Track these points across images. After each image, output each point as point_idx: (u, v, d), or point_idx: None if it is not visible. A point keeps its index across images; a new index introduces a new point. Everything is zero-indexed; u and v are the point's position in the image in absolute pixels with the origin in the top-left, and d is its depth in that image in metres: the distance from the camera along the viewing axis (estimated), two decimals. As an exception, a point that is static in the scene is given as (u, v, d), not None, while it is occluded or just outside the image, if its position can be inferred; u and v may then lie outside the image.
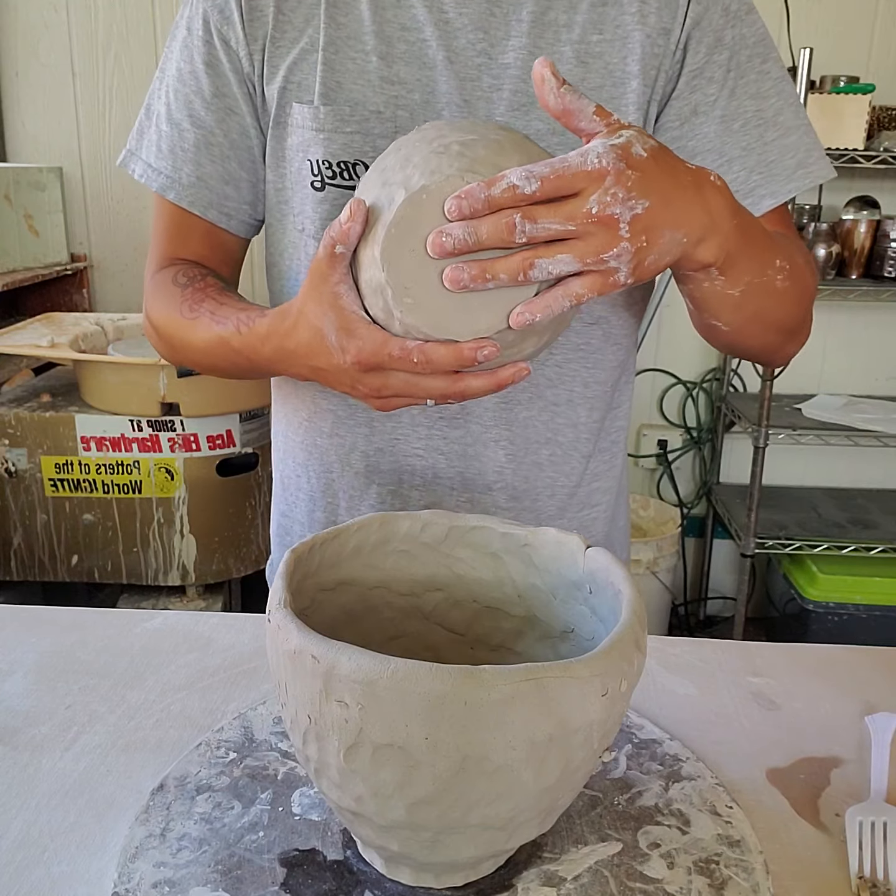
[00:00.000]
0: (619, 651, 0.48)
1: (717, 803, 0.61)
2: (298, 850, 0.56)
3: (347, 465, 0.86)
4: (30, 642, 0.80)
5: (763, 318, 0.72)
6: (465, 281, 0.54)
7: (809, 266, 0.78)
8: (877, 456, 2.52)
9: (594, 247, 0.53)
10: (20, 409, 1.77)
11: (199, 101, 0.81)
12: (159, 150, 0.83)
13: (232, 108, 0.81)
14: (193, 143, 0.82)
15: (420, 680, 0.44)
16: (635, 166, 0.53)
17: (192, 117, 0.81)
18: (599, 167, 0.52)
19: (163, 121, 0.83)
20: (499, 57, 0.77)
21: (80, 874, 0.55)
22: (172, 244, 0.86)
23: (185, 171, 0.82)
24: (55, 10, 2.29)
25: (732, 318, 0.70)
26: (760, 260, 0.66)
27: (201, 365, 0.82)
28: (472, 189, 0.53)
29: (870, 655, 0.81)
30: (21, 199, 2.19)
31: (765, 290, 0.68)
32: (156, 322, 0.84)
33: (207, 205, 0.83)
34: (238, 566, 1.90)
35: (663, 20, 0.77)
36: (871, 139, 2.11)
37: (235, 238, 0.87)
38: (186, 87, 0.81)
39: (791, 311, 0.75)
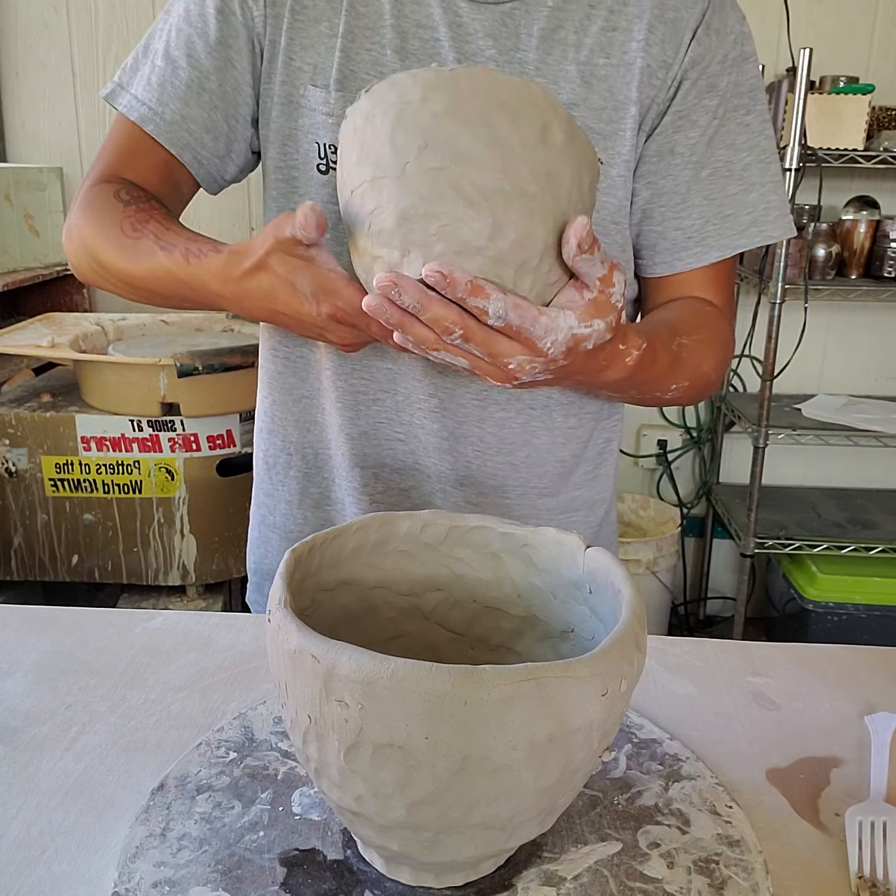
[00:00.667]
0: (619, 651, 0.48)
1: (717, 803, 0.61)
2: (298, 849, 0.56)
3: (339, 444, 0.87)
4: (30, 642, 0.80)
5: (647, 403, 0.83)
6: (385, 315, 0.58)
7: (720, 358, 0.83)
8: (876, 456, 2.52)
9: (487, 374, 0.62)
10: (21, 409, 1.77)
11: (202, 43, 0.80)
12: (149, 83, 0.81)
13: (233, 59, 0.80)
14: (185, 83, 0.80)
15: (420, 680, 0.44)
16: (571, 359, 0.61)
17: (190, 57, 0.80)
18: (547, 351, 0.59)
19: (159, 56, 0.82)
20: (505, 66, 0.78)
21: (81, 874, 0.55)
22: (123, 163, 0.82)
23: (170, 107, 0.80)
24: (55, 10, 2.29)
25: (618, 401, 0.87)
26: (644, 390, 0.76)
27: (134, 288, 0.78)
28: (456, 281, 0.55)
29: (869, 655, 0.81)
30: (21, 199, 2.19)
31: (647, 399, 0.79)
32: (85, 233, 0.79)
33: (184, 146, 0.82)
34: (238, 566, 1.90)
35: (666, 53, 0.78)
36: (871, 139, 2.11)
37: (193, 183, 0.85)
38: (191, 27, 0.80)
39: (680, 402, 0.83)
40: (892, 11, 2.28)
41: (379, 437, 0.86)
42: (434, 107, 0.57)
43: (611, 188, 0.80)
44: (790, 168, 1.97)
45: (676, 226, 0.82)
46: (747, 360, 2.48)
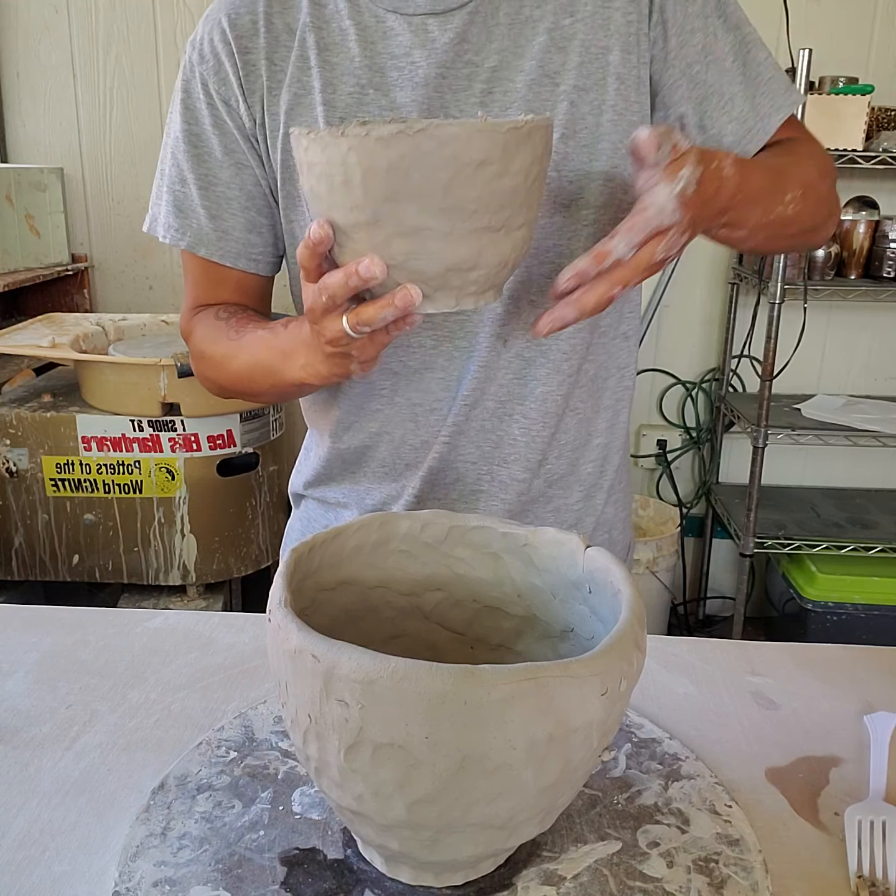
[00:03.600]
0: (619, 650, 0.48)
1: (717, 802, 0.61)
2: (299, 848, 0.56)
3: (398, 457, 0.89)
4: (31, 642, 0.80)
5: (779, 236, 0.82)
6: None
7: (825, 176, 0.84)
8: (876, 456, 2.52)
9: (640, 274, 0.65)
10: (21, 409, 1.77)
11: (212, 160, 0.85)
12: (179, 211, 0.87)
13: (242, 162, 0.85)
14: (213, 201, 0.86)
15: (420, 679, 0.44)
16: (690, 211, 0.64)
17: (207, 176, 0.85)
18: (670, 226, 0.63)
19: (175, 182, 0.87)
20: (484, 62, 0.79)
21: (81, 873, 0.55)
22: (205, 293, 0.90)
23: (209, 227, 0.86)
24: (56, 11, 2.29)
25: (748, 246, 0.82)
26: (766, 208, 0.76)
27: (241, 384, 0.86)
28: (587, 267, 0.62)
29: (868, 655, 0.81)
30: (22, 199, 2.19)
31: (774, 222, 0.77)
32: (203, 348, 0.88)
33: (236, 255, 0.87)
34: (238, 566, 1.90)
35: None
36: (870, 140, 2.11)
37: (265, 279, 0.91)
38: (197, 148, 0.85)
39: (808, 221, 0.82)
40: (892, 12, 2.28)
41: (439, 442, 0.87)
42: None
43: (603, 135, 0.81)
44: (790, 168, 1.97)
45: (728, 119, 0.84)
46: (747, 360, 2.48)
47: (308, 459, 0.98)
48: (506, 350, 0.84)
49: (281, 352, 0.77)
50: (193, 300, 0.91)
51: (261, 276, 0.90)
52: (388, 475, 0.90)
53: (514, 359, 0.84)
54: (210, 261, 0.87)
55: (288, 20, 0.82)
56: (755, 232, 0.77)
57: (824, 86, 2.16)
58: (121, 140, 2.38)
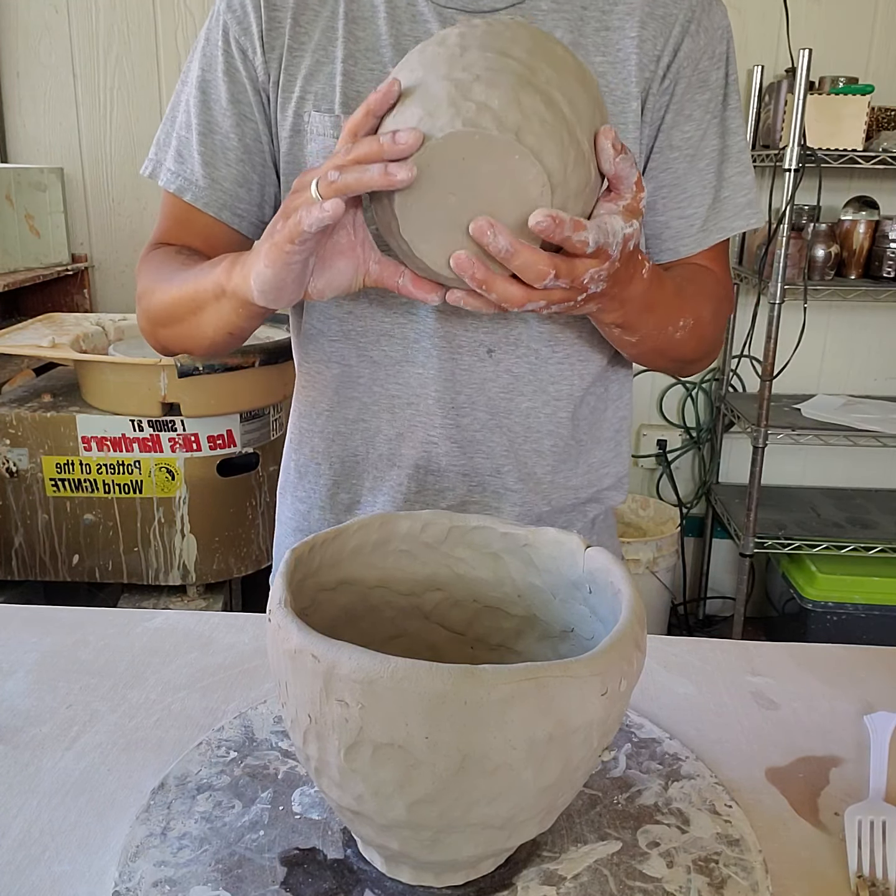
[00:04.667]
0: (619, 650, 0.48)
1: (717, 802, 0.61)
2: (299, 848, 0.56)
3: (372, 447, 0.89)
4: (31, 642, 0.80)
5: (660, 355, 0.84)
6: (467, 273, 0.60)
7: (717, 318, 0.86)
8: (875, 456, 2.52)
9: (558, 301, 0.64)
10: (21, 409, 1.77)
11: (217, 107, 0.84)
12: (178, 155, 0.86)
13: (246, 114, 0.84)
14: (210, 148, 0.85)
15: (420, 679, 0.44)
16: (622, 260, 0.65)
17: (209, 123, 0.85)
18: (612, 254, 0.63)
19: (182, 127, 0.86)
20: None
21: (81, 873, 0.55)
22: (170, 231, 0.89)
23: (200, 174, 0.85)
24: (56, 11, 2.29)
25: (631, 352, 0.84)
26: (659, 322, 0.78)
27: (167, 310, 0.82)
28: (563, 221, 0.58)
29: (868, 655, 0.81)
30: (22, 199, 2.19)
31: (661, 339, 0.79)
32: (148, 272, 0.86)
33: (221, 206, 0.86)
34: (238, 566, 1.90)
35: (657, 47, 0.80)
36: (870, 140, 2.12)
37: (239, 239, 0.89)
38: (205, 94, 0.84)
39: (687, 354, 0.85)
40: (892, 12, 2.28)
41: (415, 439, 0.87)
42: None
43: None
44: (789, 168, 1.97)
45: (679, 215, 0.85)
46: (747, 360, 2.48)
47: (287, 451, 0.98)
48: (493, 362, 0.84)
49: (223, 267, 0.73)
50: (156, 237, 0.90)
51: (238, 233, 0.88)
52: (360, 464, 0.90)
53: (503, 373, 0.84)
54: (193, 207, 0.86)
55: None
56: (643, 342, 0.79)
57: (824, 86, 2.16)
58: (121, 140, 2.38)
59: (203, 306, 0.77)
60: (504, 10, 0.79)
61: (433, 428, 0.86)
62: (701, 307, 0.82)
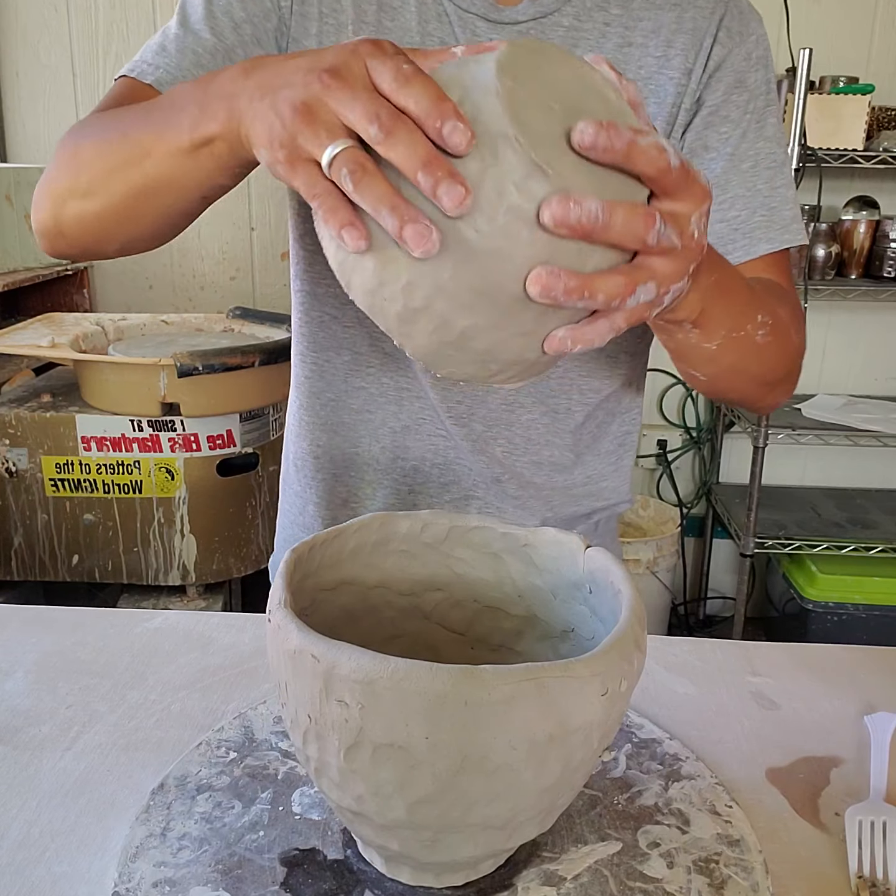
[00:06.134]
0: (619, 651, 0.48)
1: (717, 803, 0.61)
2: (298, 849, 0.56)
3: (376, 439, 0.88)
4: (30, 642, 0.80)
5: (742, 371, 0.70)
6: (557, 293, 0.44)
7: (796, 322, 0.76)
8: (876, 456, 2.52)
9: (669, 277, 0.48)
10: (21, 409, 1.77)
11: (226, 20, 0.74)
12: (163, 50, 0.74)
13: (260, 39, 0.75)
14: (209, 50, 0.73)
15: (420, 679, 0.44)
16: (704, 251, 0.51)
17: (213, 29, 0.74)
18: (705, 186, 0.48)
19: (172, 27, 0.75)
20: None
21: (81, 874, 0.55)
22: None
23: (192, 72, 0.73)
24: (55, 10, 2.29)
25: (709, 370, 0.69)
26: (738, 315, 0.64)
27: (99, 166, 0.62)
28: (620, 132, 0.43)
29: (869, 655, 0.81)
30: (22, 199, 2.18)
31: (743, 345, 0.65)
32: (66, 138, 0.68)
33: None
34: (238, 566, 1.90)
35: (688, 61, 0.78)
36: (871, 139, 2.11)
37: None
38: (214, 4, 0.75)
39: (772, 366, 0.73)
40: (892, 11, 2.28)
41: (421, 432, 0.87)
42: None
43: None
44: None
45: (720, 218, 0.79)
46: (747, 360, 2.48)
47: (286, 442, 0.97)
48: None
49: (172, 102, 0.56)
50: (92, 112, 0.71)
51: None
52: (361, 456, 0.89)
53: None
54: (150, 88, 0.71)
55: None
56: (723, 352, 0.64)
57: (825, 85, 2.16)
58: (121, 140, 2.37)
59: (161, 159, 0.57)
60: (525, 22, 0.77)
61: (440, 422, 0.86)
62: (775, 304, 0.70)
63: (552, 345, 0.48)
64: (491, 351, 0.49)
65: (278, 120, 0.47)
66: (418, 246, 0.42)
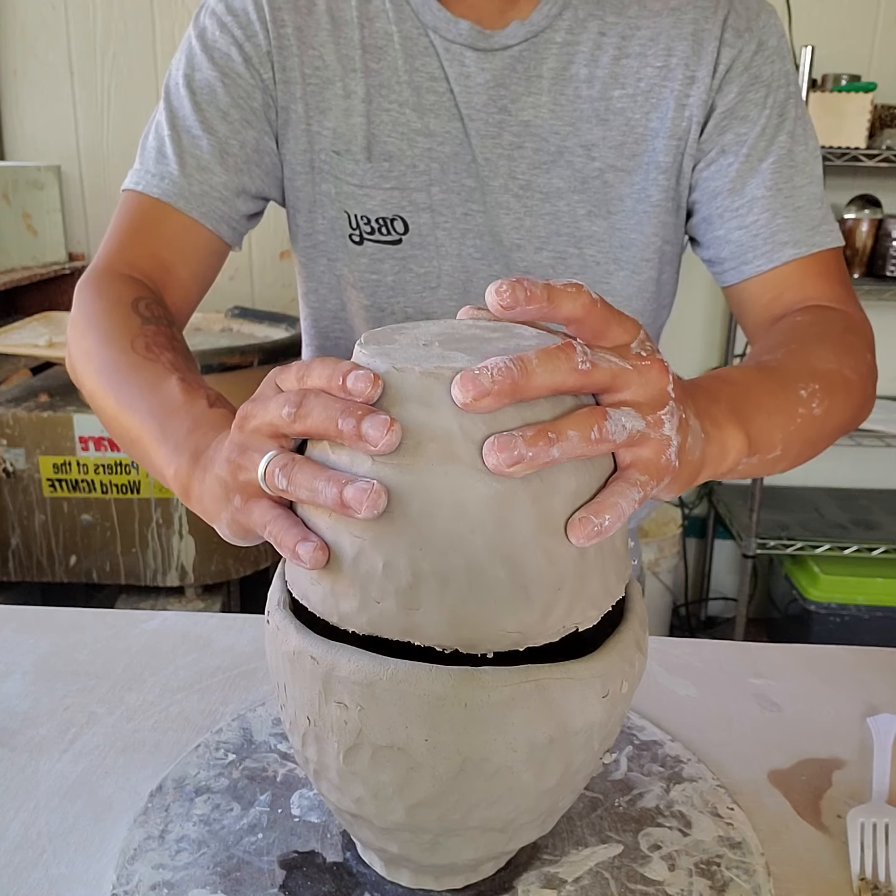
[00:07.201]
0: (620, 652, 0.47)
1: (719, 805, 0.60)
2: (298, 852, 0.56)
3: None
4: (28, 643, 0.79)
5: (816, 442, 0.63)
6: (520, 451, 0.38)
7: (853, 349, 0.67)
8: (879, 456, 2.51)
9: (649, 396, 0.44)
10: (18, 409, 1.77)
11: (213, 110, 0.76)
12: (163, 157, 0.77)
13: (249, 121, 0.77)
14: (207, 151, 0.76)
15: (420, 681, 0.43)
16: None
17: (203, 123, 0.76)
18: (633, 317, 0.45)
19: (164, 126, 0.78)
20: (518, 114, 0.75)
21: (79, 876, 0.54)
22: (136, 239, 0.76)
23: (196, 178, 0.76)
24: (53, 8, 2.28)
25: (784, 466, 0.62)
26: (777, 413, 0.58)
27: (103, 409, 0.66)
28: (533, 280, 0.40)
29: (872, 656, 0.81)
30: (19, 198, 2.18)
31: (802, 429, 0.59)
32: (86, 344, 0.68)
33: (220, 218, 0.77)
34: (237, 567, 1.90)
35: (690, 69, 0.74)
36: (873, 138, 2.11)
37: (227, 248, 0.81)
38: (197, 95, 0.77)
39: (842, 419, 0.65)
40: (894, 9, 2.28)
41: None
42: None
43: (637, 224, 0.77)
44: (791, 167, 1.97)
45: (738, 224, 0.74)
46: (748, 359, 2.48)
47: None
48: None
49: (166, 432, 0.58)
50: (114, 249, 0.75)
51: (226, 244, 0.79)
52: None
53: None
54: (164, 206, 0.74)
55: (331, 4, 0.75)
56: (787, 450, 0.58)
57: (827, 83, 2.16)
58: (118, 138, 2.38)
59: (144, 452, 0.61)
60: (517, 45, 0.74)
61: None
62: (809, 357, 0.64)
63: (581, 532, 0.41)
64: None
65: (220, 481, 0.49)
66: (362, 503, 0.39)
